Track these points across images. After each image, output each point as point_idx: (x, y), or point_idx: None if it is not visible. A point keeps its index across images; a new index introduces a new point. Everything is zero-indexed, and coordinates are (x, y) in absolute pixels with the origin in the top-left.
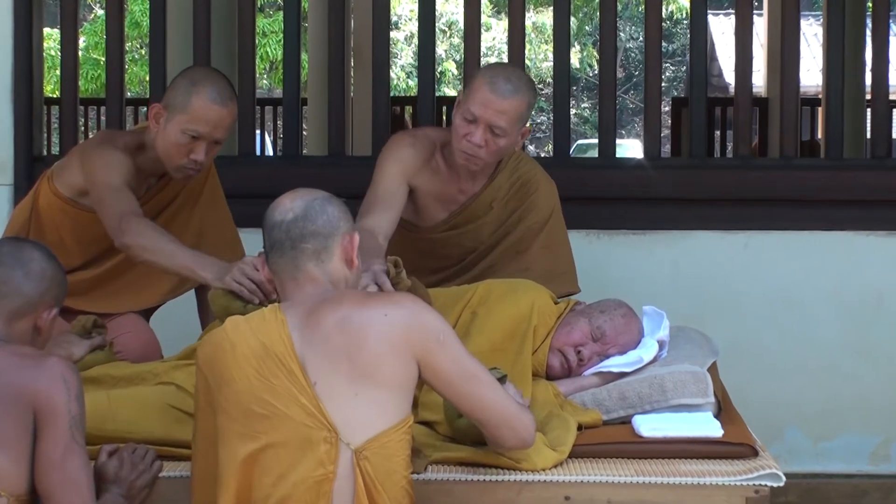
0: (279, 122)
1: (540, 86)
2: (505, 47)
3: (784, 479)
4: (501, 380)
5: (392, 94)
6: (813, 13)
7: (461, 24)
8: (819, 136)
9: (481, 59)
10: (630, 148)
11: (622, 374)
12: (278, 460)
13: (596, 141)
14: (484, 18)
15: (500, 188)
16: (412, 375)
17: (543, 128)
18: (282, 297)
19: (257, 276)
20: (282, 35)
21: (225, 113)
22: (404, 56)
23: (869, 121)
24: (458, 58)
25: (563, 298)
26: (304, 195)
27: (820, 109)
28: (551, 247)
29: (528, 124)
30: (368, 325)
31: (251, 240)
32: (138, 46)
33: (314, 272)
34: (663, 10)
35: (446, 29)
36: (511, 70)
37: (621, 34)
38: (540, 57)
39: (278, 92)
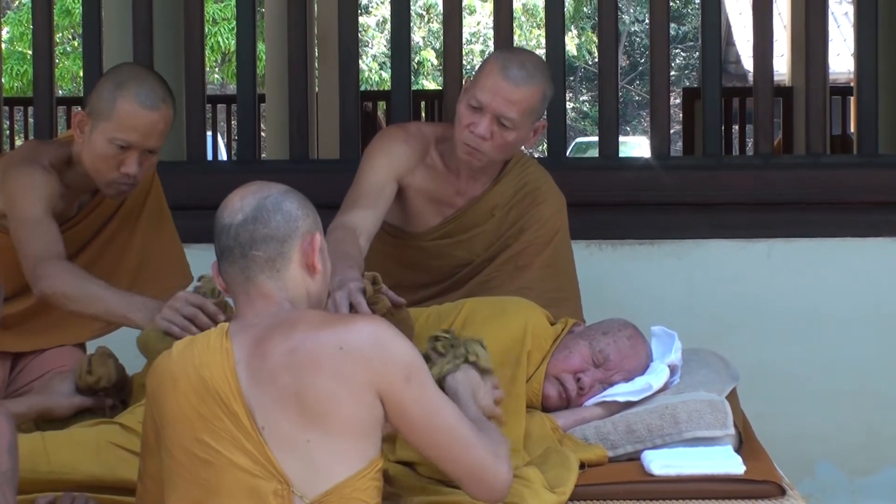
0: (233, 123)
1: None
2: (491, 33)
3: None
4: (487, 371)
5: (362, 88)
6: None
7: (440, 8)
8: (851, 129)
9: (464, 46)
10: (636, 146)
11: (629, 404)
12: None
13: (596, 139)
14: (466, 0)
15: (503, 193)
16: (376, 415)
17: None
18: (235, 312)
19: (189, 311)
20: (235, 23)
21: (156, 117)
22: (376, 44)
23: None
24: (437, 46)
25: (559, 319)
26: (256, 192)
27: (852, 99)
28: (555, 267)
29: (543, 118)
30: (320, 360)
31: (203, 257)
32: (70, 38)
33: (267, 286)
34: None
35: (423, 13)
36: (526, 55)
37: (624, 17)
38: (531, 43)
39: (232, 88)
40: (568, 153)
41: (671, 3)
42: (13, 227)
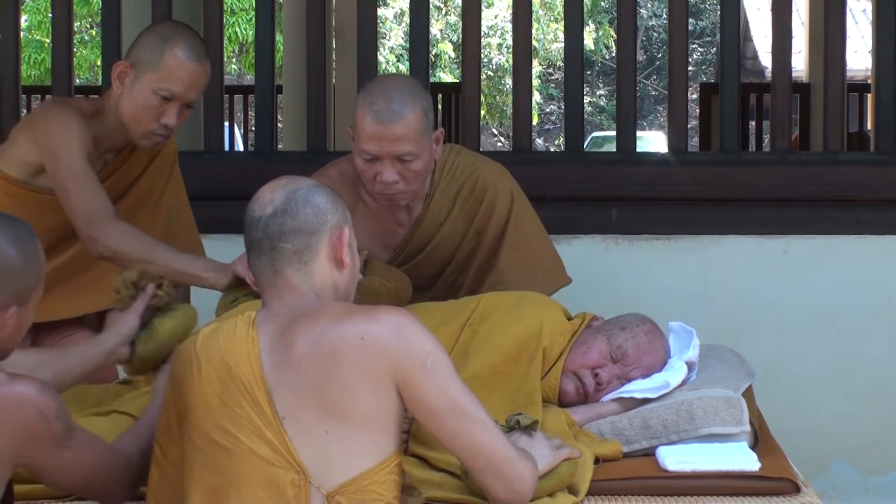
0: (251, 113)
1: (550, 70)
2: (509, 26)
3: None
4: (532, 426)
5: None
6: None
7: (458, 0)
8: (868, 126)
9: (481, 40)
10: (652, 141)
11: (646, 401)
12: (241, 501)
13: (613, 133)
14: None
15: (442, 207)
16: (395, 408)
17: (554, 118)
18: (262, 304)
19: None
20: (253, 13)
21: (201, 71)
22: (393, 37)
23: None
24: (454, 38)
25: (577, 314)
26: (286, 185)
27: (869, 96)
28: (522, 248)
29: (438, 129)
30: (342, 350)
31: (218, 247)
32: (88, 26)
33: (294, 278)
34: None
35: (441, 5)
36: (387, 85)
37: (642, 11)
38: (549, 37)
39: (249, 78)
40: (585, 147)
41: None
42: (57, 179)
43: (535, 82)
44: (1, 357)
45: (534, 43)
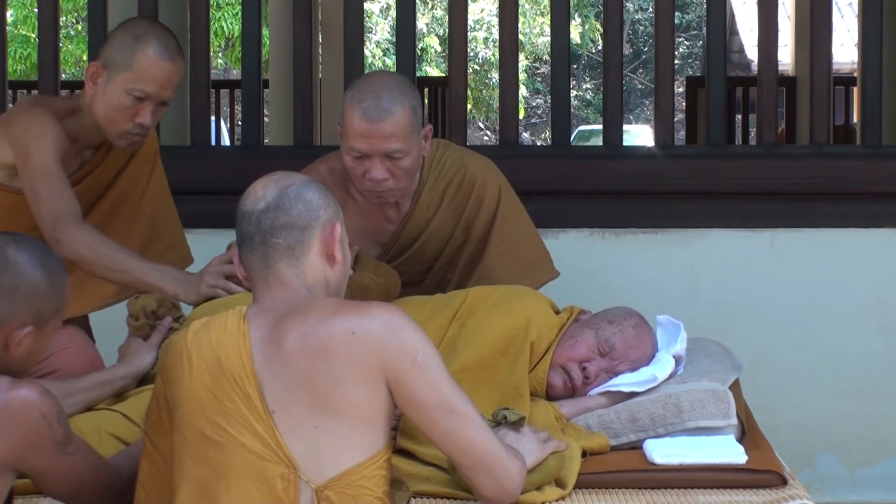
0: (237, 108)
1: (536, 64)
2: (495, 20)
3: None
4: (519, 422)
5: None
6: None
7: None
8: (854, 119)
9: (468, 34)
10: (639, 135)
11: (633, 394)
12: (230, 495)
13: (600, 127)
14: None
15: (431, 203)
16: (384, 403)
17: (540, 112)
18: (254, 299)
19: (230, 269)
20: (239, 8)
21: (174, 69)
22: (380, 31)
23: None
24: (441, 32)
25: (564, 308)
26: (278, 180)
27: (855, 89)
28: (509, 242)
29: (427, 126)
30: (333, 345)
31: (206, 242)
32: (74, 21)
33: (285, 273)
34: None
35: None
36: (377, 82)
37: (628, 5)
38: (535, 31)
39: (236, 73)
40: (571, 141)
41: None
42: (26, 178)
43: (522, 76)
44: None
45: (520, 37)
